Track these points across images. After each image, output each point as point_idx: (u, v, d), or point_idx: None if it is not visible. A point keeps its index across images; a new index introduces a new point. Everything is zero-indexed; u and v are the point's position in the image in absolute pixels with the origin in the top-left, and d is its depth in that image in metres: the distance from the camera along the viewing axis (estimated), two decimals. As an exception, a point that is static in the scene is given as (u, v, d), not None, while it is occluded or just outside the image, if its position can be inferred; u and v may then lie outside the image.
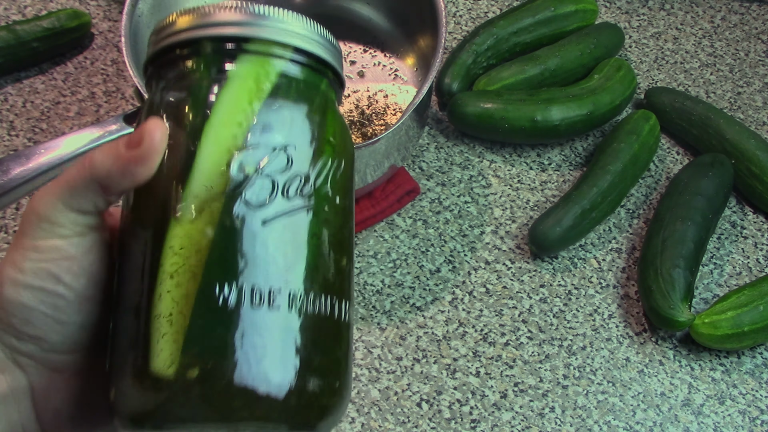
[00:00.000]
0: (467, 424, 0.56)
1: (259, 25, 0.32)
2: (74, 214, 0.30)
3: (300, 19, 0.33)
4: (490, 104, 0.67)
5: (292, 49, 0.32)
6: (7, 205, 0.53)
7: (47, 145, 0.53)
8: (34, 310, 0.29)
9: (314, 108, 0.32)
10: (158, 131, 0.29)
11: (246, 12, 0.32)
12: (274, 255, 0.29)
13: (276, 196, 0.30)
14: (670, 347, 0.61)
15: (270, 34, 0.32)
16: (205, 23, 0.32)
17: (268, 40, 0.32)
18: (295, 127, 0.31)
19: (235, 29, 0.31)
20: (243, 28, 0.31)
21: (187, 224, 0.29)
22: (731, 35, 0.81)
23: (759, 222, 0.68)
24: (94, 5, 0.78)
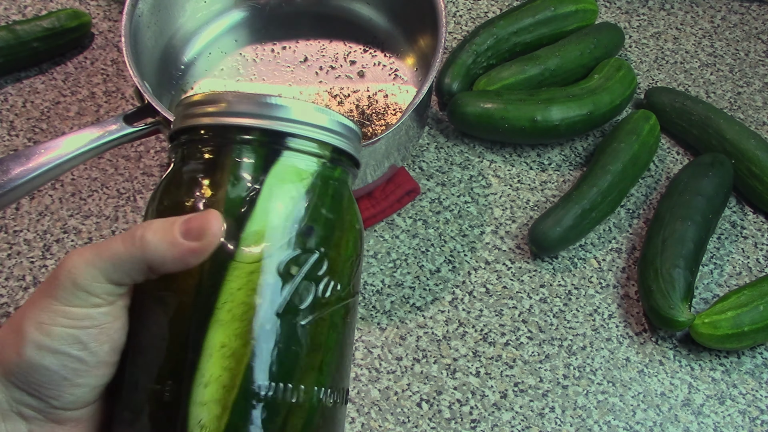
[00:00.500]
0: (467, 424, 0.56)
1: (307, 124, 0.32)
2: (112, 286, 0.30)
3: (335, 117, 0.33)
4: (490, 104, 0.67)
5: (331, 149, 0.33)
6: (7, 205, 0.53)
7: (47, 145, 0.53)
8: (55, 373, 0.30)
9: (346, 206, 0.33)
10: (218, 226, 0.30)
11: (298, 109, 0.32)
12: (309, 354, 0.30)
13: (314, 298, 0.30)
14: (670, 347, 0.61)
15: (315, 133, 0.32)
16: (260, 113, 0.31)
17: (315, 139, 0.32)
18: (331, 228, 0.32)
19: (288, 126, 0.31)
20: (294, 126, 0.31)
21: (229, 324, 0.29)
22: (731, 35, 0.81)
23: (759, 222, 0.68)
24: (94, 5, 0.78)
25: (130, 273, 0.30)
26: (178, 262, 0.29)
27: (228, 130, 0.32)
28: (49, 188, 0.65)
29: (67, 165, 0.53)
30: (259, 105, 0.31)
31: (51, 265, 0.62)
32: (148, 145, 0.68)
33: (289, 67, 0.69)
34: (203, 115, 0.32)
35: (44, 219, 0.64)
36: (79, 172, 0.67)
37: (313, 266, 0.31)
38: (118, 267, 0.30)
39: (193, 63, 0.69)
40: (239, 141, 0.31)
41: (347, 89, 0.68)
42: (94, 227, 0.64)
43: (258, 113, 0.31)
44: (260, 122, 0.31)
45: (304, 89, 0.68)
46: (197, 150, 0.32)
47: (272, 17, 0.73)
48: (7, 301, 0.60)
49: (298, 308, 0.30)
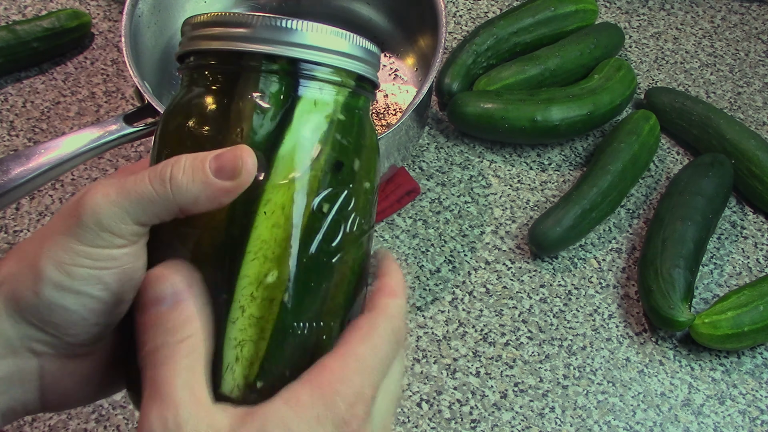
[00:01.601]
0: (467, 424, 0.56)
1: (333, 51, 0.30)
2: (138, 227, 0.29)
3: (359, 42, 0.31)
4: (490, 104, 0.67)
5: (356, 77, 0.31)
6: (7, 205, 0.53)
7: (47, 145, 0.53)
8: (74, 313, 0.29)
9: (369, 135, 0.32)
10: (252, 162, 0.28)
11: (322, 36, 0.30)
12: (336, 290, 0.30)
13: (342, 234, 0.30)
14: (670, 347, 0.61)
15: (342, 62, 0.30)
16: (283, 40, 0.29)
17: (341, 68, 0.30)
18: (358, 162, 0.31)
19: (315, 54, 0.30)
20: (321, 54, 0.30)
21: (261, 265, 0.29)
22: (731, 35, 0.81)
23: (759, 222, 0.68)
24: (94, 5, 0.78)
25: (159, 214, 0.29)
26: (211, 202, 0.28)
27: (251, 57, 0.29)
28: (49, 188, 0.65)
29: (67, 165, 0.53)
30: (283, 31, 0.29)
31: (51, 265, 0.62)
32: (148, 145, 0.68)
33: (289, 67, 0.69)
34: (218, 38, 0.30)
35: (44, 219, 0.64)
36: (79, 172, 0.67)
37: (343, 203, 0.30)
38: (146, 208, 0.28)
39: (193, 63, 0.69)
40: (264, 70, 0.29)
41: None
42: (94, 227, 0.64)
43: (281, 40, 0.29)
44: (286, 50, 0.29)
45: (304, 89, 0.68)
46: (211, 76, 0.30)
47: (272, 17, 0.73)
48: (7, 301, 0.60)
49: (330, 246, 0.30)
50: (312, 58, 0.30)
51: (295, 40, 0.29)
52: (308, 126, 0.29)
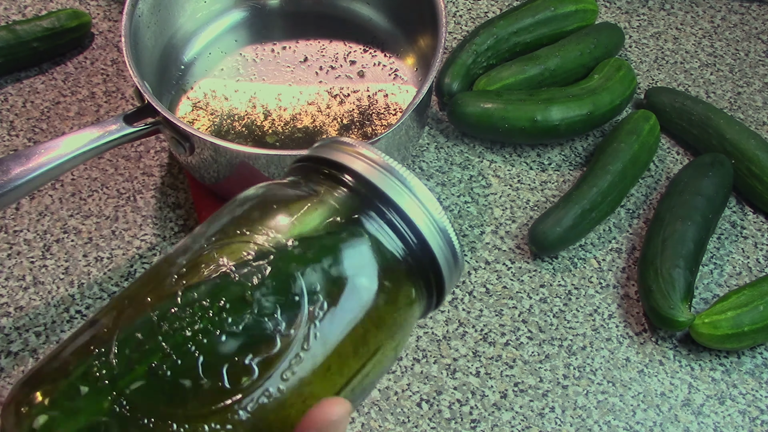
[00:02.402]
0: (467, 424, 0.56)
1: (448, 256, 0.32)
2: None
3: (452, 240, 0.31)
4: (490, 104, 0.67)
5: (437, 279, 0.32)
6: (7, 205, 0.53)
7: (47, 145, 0.53)
8: None
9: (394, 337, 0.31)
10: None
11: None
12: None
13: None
14: (670, 347, 0.61)
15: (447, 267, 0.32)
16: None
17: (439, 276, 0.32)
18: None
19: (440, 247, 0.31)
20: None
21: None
22: (731, 35, 0.81)
23: (759, 222, 0.68)
24: (94, 5, 0.78)
25: None
26: None
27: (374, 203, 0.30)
28: (49, 188, 0.65)
29: (67, 165, 0.53)
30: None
31: (51, 265, 0.62)
32: (148, 145, 0.68)
33: (289, 67, 0.69)
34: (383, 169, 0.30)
35: (44, 219, 0.64)
36: (79, 172, 0.67)
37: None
38: None
39: (193, 63, 0.69)
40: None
41: (347, 89, 0.68)
42: (94, 227, 0.64)
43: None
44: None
45: (304, 89, 0.68)
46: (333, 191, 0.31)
47: (272, 17, 0.73)
48: (7, 301, 0.60)
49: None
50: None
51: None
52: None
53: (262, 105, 0.67)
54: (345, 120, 0.66)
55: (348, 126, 0.65)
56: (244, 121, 0.65)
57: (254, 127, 0.65)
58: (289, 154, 0.55)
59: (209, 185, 0.62)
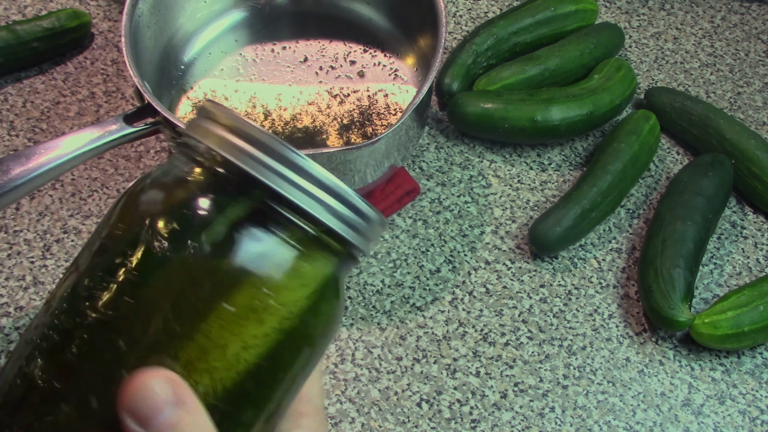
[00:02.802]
0: (467, 424, 0.56)
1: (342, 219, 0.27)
2: None
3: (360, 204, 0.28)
4: (490, 104, 0.67)
5: (353, 248, 0.28)
6: (7, 205, 0.53)
7: (47, 145, 0.53)
8: None
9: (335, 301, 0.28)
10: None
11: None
12: None
13: None
14: (670, 347, 0.61)
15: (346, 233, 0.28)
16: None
17: (341, 237, 0.27)
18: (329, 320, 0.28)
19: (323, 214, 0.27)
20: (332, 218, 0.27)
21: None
22: (731, 35, 0.81)
23: (759, 222, 0.68)
24: (94, 5, 0.78)
25: None
26: None
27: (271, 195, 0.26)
28: (49, 188, 0.65)
29: (67, 165, 0.53)
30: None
31: (51, 265, 0.62)
32: (148, 145, 0.68)
33: (289, 67, 0.69)
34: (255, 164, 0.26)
35: (44, 219, 0.64)
36: (79, 172, 0.67)
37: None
38: None
39: (193, 63, 0.69)
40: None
41: (347, 89, 0.68)
42: (94, 227, 0.64)
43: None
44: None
45: (304, 89, 0.68)
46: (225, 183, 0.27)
47: (272, 17, 0.73)
48: (7, 301, 0.60)
49: None
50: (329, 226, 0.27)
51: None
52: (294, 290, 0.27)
53: (262, 105, 0.67)
54: (345, 120, 0.66)
55: (348, 126, 0.65)
56: (244, 121, 0.65)
57: (254, 127, 0.65)
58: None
59: (209, 185, 0.62)
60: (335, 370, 0.58)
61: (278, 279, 0.26)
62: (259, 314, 0.26)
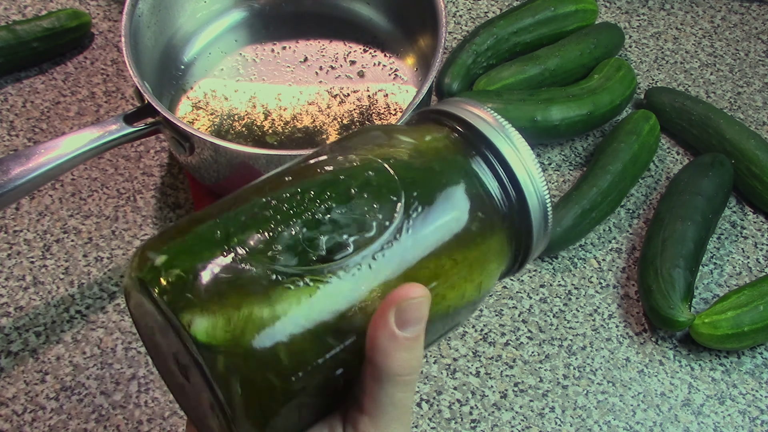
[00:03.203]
0: (467, 424, 0.56)
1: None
2: None
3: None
4: (490, 104, 0.67)
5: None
6: (7, 205, 0.53)
7: (47, 145, 0.53)
8: None
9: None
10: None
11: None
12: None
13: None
14: (670, 347, 0.61)
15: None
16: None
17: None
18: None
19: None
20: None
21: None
22: (731, 35, 0.81)
23: (759, 222, 0.68)
24: (94, 5, 0.78)
25: None
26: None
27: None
28: (49, 188, 0.65)
29: (67, 165, 0.53)
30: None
31: (51, 265, 0.62)
32: (148, 145, 0.68)
33: (289, 67, 0.69)
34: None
35: (44, 219, 0.64)
36: (79, 172, 0.67)
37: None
38: None
39: (193, 63, 0.69)
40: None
41: (347, 89, 0.68)
42: (94, 227, 0.64)
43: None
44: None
45: (304, 89, 0.68)
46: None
47: (272, 17, 0.73)
48: (7, 301, 0.60)
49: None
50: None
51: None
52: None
53: (262, 105, 0.67)
54: (345, 120, 0.66)
55: (348, 126, 0.65)
56: (244, 121, 0.65)
57: (254, 127, 0.65)
58: (289, 154, 0.55)
59: (209, 185, 0.62)
60: (335, 370, 0.58)
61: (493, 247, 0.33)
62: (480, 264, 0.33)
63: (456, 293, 0.32)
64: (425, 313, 0.29)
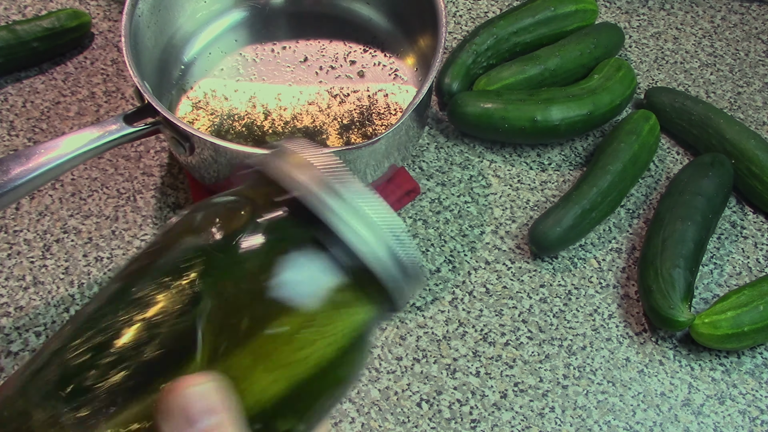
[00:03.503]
0: (467, 424, 0.56)
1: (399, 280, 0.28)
2: None
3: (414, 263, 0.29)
4: (490, 104, 0.67)
5: (394, 302, 0.29)
6: (7, 205, 0.53)
7: (47, 145, 0.53)
8: None
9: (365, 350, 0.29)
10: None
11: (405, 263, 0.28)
12: None
13: None
14: (670, 347, 0.61)
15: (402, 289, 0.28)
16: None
17: (398, 296, 0.28)
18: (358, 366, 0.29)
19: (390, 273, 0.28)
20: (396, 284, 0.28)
21: None
22: (731, 35, 0.81)
23: (759, 222, 0.68)
24: (94, 5, 0.78)
25: None
26: None
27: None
28: (49, 188, 0.66)
29: (67, 165, 0.53)
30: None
31: (51, 265, 0.62)
32: (148, 145, 0.68)
33: (289, 67, 0.69)
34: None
35: (44, 219, 0.64)
36: (79, 172, 0.67)
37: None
38: None
39: (193, 63, 0.69)
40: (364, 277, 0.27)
41: (347, 89, 0.68)
42: (94, 227, 0.64)
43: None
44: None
45: (304, 89, 0.68)
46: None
47: (272, 17, 0.73)
48: (7, 301, 0.60)
49: None
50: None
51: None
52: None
53: (262, 105, 0.67)
54: (345, 120, 0.66)
55: (348, 126, 0.65)
56: (244, 121, 0.65)
57: (254, 127, 0.65)
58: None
59: (209, 185, 0.62)
60: (335, 370, 0.58)
61: (323, 311, 0.27)
62: (300, 344, 0.27)
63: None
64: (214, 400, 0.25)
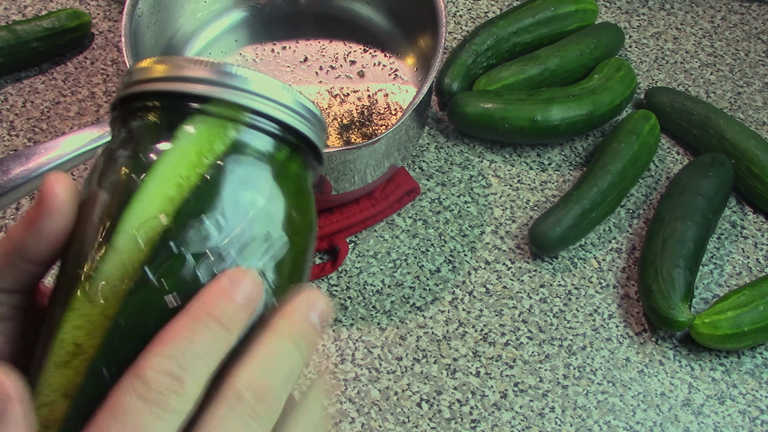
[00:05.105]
0: (467, 424, 0.56)
1: (222, 85, 0.28)
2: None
3: (271, 83, 0.28)
4: (490, 104, 0.67)
5: (251, 113, 0.28)
6: (7, 205, 0.53)
7: (47, 145, 0.53)
8: None
9: (265, 182, 0.28)
10: (57, 183, 0.27)
11: (212, 70, 0.28)
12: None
13: (195, 277, 0.26)
14: (670, 347, 0.61)
15: (231, 95, 0.28)
16: (168, 77, 0.28)
17: (228, 101, 0.28)
18: (240, 203, 0.27)
19: (195, 87, 0.28)
20: (205, 86, 0.28)
21: (88, 307, 0.26)
22: (731, 35, 0.81)
23: (759, 222, 0.68)
24: (94, 5, 0.78)
25: (9, 272, 0.29)
26: (35, 233, 0.28)
27: (181, 98, 0.28)
28: (49, 188, 0.65)
29: (67, 165, 0.53)
30: (166, 68, 0.28)
31: (51, 265, 0.62)
32: (148, 145, 0.68)
33: (289, 67, 0.69)
34: (154, 81, 0.28)
35: (44, 219, 0.64)
36: (79, 172, 0.67)
37: (198, 239, 0.27)
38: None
39: (193, 63, 0.69)
40: (192, 110, 0.28)
41: (347, 89, 0.68)
42: (94, 227, 0.64)
43: (160, 77, 0.28)
44: (155, 86, 0.28)
45: (304, 89, 0.68)
46: (121, 125, 0.29)
47: (272, 17, 0.73)
48: (7, 301, 0.60)
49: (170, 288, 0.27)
50: (193, 91, 0.28)
51: (176, 74, 0.28)
52: (177, 156, 0.28)
53: (262, 105, 0.66)
54: (345, 120, 0.66)
55: (348, 126, 0.65)
56: (244, 121, 0.65)
57: (254, 127, 0.65)
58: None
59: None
60: (335, 370, 0.58)
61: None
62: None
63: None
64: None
